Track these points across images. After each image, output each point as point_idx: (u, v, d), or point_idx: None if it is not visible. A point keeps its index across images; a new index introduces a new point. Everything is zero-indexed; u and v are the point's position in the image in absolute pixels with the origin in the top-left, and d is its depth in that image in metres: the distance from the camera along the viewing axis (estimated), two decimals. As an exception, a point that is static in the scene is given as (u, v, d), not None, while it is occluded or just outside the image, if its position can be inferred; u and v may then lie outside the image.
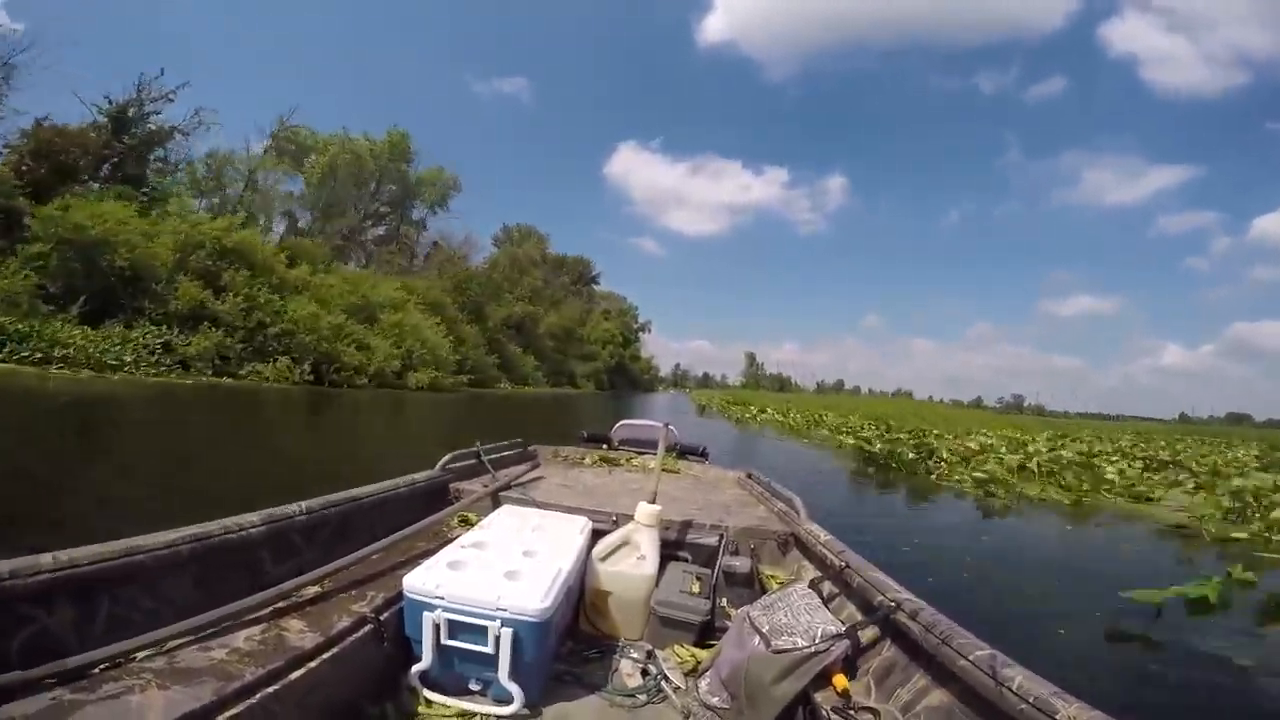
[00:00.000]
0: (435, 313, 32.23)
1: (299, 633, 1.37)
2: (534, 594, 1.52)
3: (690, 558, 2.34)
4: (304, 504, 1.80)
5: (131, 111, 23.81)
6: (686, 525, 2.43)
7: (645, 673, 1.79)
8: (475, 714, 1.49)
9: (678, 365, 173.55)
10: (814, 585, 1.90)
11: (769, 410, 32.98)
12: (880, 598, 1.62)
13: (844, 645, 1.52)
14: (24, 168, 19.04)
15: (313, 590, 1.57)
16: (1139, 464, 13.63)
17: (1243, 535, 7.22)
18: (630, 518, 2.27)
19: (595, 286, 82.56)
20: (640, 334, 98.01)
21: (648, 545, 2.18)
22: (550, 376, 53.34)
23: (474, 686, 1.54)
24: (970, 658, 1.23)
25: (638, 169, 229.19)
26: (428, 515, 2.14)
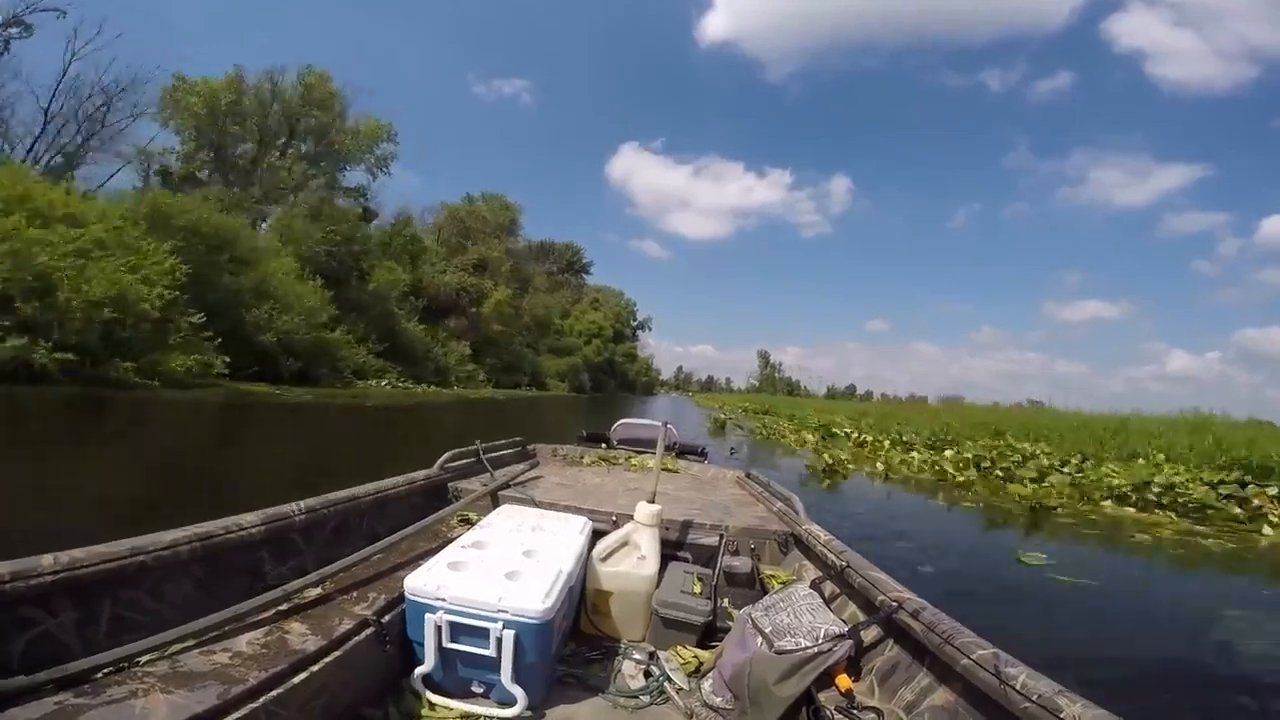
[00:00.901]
0: (217, 254, 18.91)
1: (301, 635, 1.36)
2: (535, 595, 1.51)
3: (691, 558, 2.34)
4: (302, 503, 1.79)
5: None
6: (687, 525, 2.42)
7: (648, 674, 1.79)
8: (478, 716, 1.48)
9: (680, 368, 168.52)
10: (815, 585, 1.91)
11: (852, 429, 17.48)
12: (882, 597, 1.63)
13: (847, 645, 1.52)
14: None
15: (314, 592, 1.57)
16: None
17: None
18: (630, 517, 2.26)
19: (586, 277, 74.96)
20: (639, 332, 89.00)
21: (648, 545, 2.18)
22: (499, 374, 38.56)
23: (476, 689, 1.53)
24: (973, 656, 1.24)
25: (640, 171, 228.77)
26: (426, 514, 2.13)
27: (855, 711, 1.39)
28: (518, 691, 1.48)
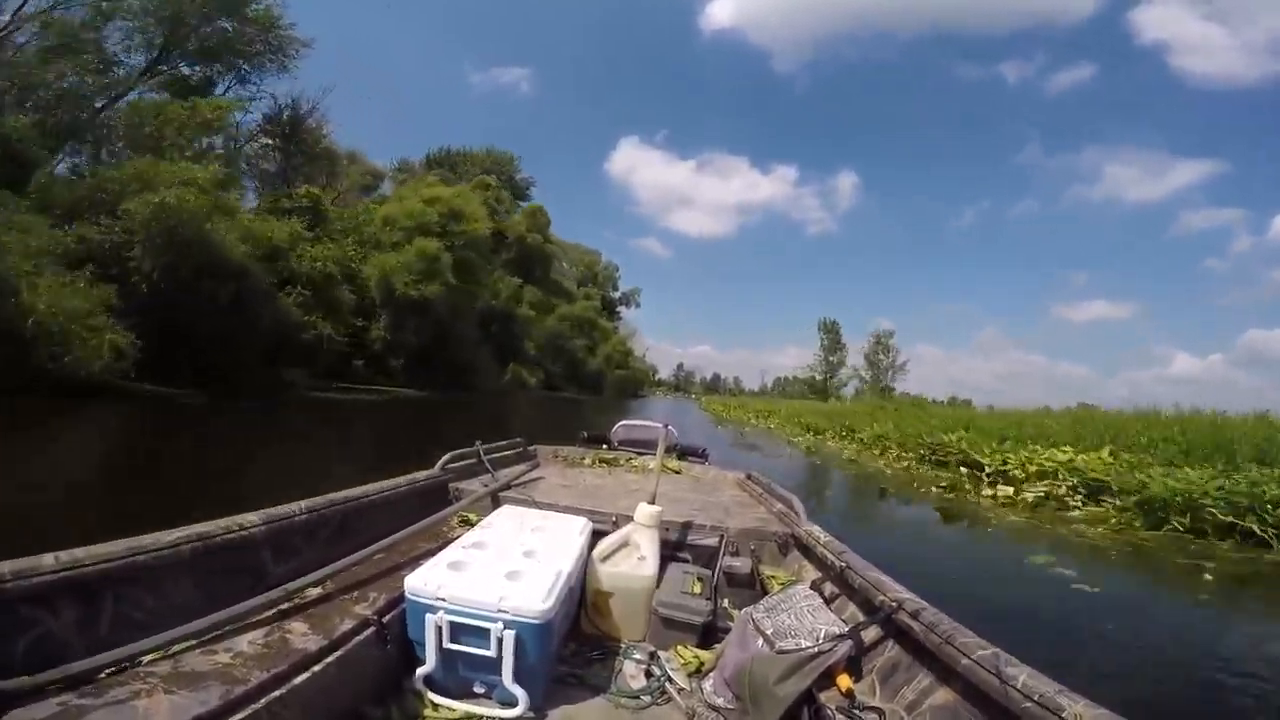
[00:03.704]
0: None
1: (302, 635, 1.36)
2: (535, 595, 1.52)
3: (691, 559, 2.34)
4: (304, 503, 1.80)
5: None
6: (687, 526, 2.43)
7: (649, 674, 1.80)
8: (480, 716, 1.48)
9: (680, 365, 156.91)
10: (815, 586, 1.91)
11: None
12: (882, 598, 1.63)
13: (847, 645, 1.53)
14: None
15: (315, 592, 1.57)
16: None
17: None
18: (630, 518, 2.27)
19: (526, 205, 43.36)
20: (621, 307, 63.85)
21: (648, 546, 2.18)
22: None
23: (478, 689, 1.53)
24: (974, 656, 1.24)
25: (641, 166, 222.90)
26: (428, 515, 2.14)
27: (856, 711, 1.39)
28: (519, 692, 1.48)
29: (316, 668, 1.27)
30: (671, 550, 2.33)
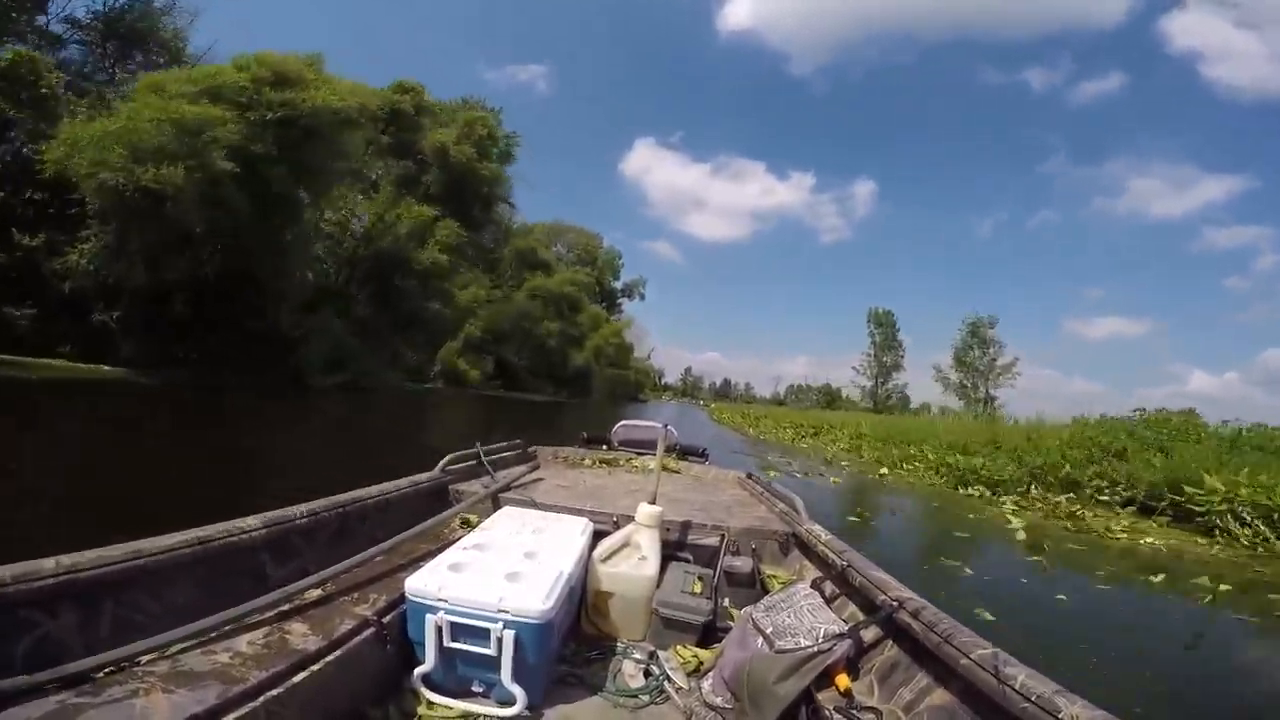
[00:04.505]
0: None
1: (302, 636, 1.37)
2: (536, 595, 1.52)
3: (691, 558, 2.34)
4: (304, 506, 1.80)
5: None
6: (687, 526, 2.43)
7: (648, 673, 1.80)
8: (478, 715, 1.49)
9: (689, 369, 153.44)
10: (816, 585, 1.91)
11: None
12: (882, 597, 1.63)
13: (846, 645, 1.52)
14: None
15: (315, 593, 1.57)
16: None
17: None
18: (631, 519, 2.27)
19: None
20: (623, 299, 57.71)
21: (649, 546, 2.18)
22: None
23: (476, 688, 1.54)
24: (972, 656, 1.24)
25: (655, 168, 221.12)
26: (428, 516, 2.14)
27: (854, 711, 1.39)
28: (518, 691, 1.48)
29: (315, 667, 1.28)
30: (672, 550, 2.33)
